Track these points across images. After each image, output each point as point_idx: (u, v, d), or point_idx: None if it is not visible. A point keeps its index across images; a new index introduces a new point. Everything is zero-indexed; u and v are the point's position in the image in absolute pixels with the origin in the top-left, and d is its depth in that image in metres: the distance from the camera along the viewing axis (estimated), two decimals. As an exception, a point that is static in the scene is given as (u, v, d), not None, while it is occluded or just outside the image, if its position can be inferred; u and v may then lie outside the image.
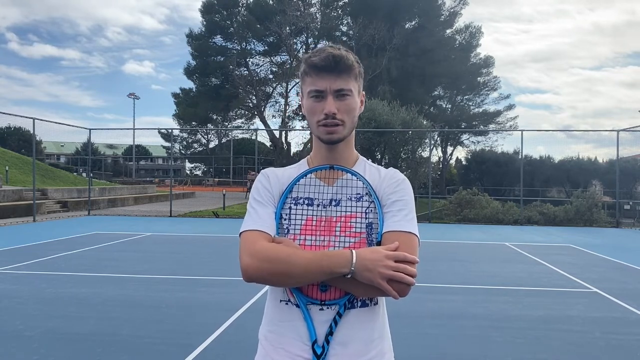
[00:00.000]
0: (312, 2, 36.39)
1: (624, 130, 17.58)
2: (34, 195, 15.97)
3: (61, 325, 4.62)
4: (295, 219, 1.28)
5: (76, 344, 4.11)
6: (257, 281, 1.20)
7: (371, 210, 1.28)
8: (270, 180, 1.34)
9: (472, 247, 10.79)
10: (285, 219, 1.29)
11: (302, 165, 1.39)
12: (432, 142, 26.14)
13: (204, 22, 38.72)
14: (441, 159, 39.80)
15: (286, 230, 1.28)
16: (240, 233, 1.26)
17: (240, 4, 37.82)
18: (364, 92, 1.38)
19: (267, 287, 1.28)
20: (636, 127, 17.71)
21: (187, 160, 64.91)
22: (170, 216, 18.18)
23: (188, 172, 62.64)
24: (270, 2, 36.16)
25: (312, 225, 1.27)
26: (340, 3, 37.59)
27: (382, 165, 1.45)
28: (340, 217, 1.28)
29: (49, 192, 19.30)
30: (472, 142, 40.49)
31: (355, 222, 1.27)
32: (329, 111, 1.24)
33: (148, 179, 54.52)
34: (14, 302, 5.41)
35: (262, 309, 1.36)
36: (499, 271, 7.78)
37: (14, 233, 12.12)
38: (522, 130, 18.37)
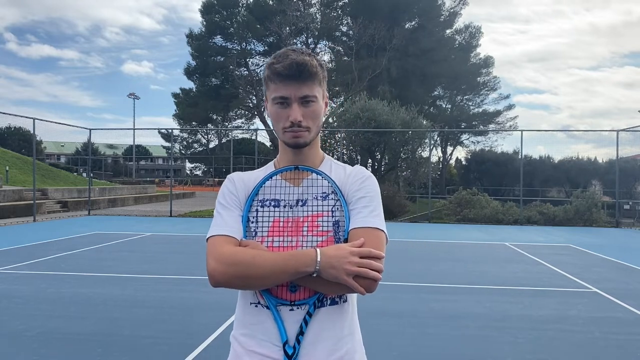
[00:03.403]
0: (312, 2, 36.40)
1: (623, 130, 17.58)
2: (34, 195, 15.98)
3: (61, 325, 4.62)
4: (263, 221, 1.29)
5: (76, 344, 4.11)
6: (224, 285, 1.20)
7: (337, 209, 1.29)
8: (236, 184, 1.35)
9: (472, 247, 10.79)
10: (252, 222, 1.29)
11: (268, 168, 1.39)
12: (432, 142, 26.13)
13: (204, 22, 38.73)
14: (441, 159, 39.84)
15: (254, 232, 1.28)
16: (207, 239, 1.27)
17: (240, 4, 37.84)
18: (327, 94, 1.38)
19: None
20: (636, 127, 17.72)
21: (187, 160, 64.93)
22: (170, 216, 18.18)
23: (188, 172, 62.66)
24: (270, 2, 36.17)
25: (279, 227, 1.27)
26: (340, 3, 37.59)
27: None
28: (307, 216, 1.28)
29: (49, 192, 19.30)
30: (472, 142, 40.57)
31: (322, 221, 1.27)
32: (295, 119, 1.25)
33: (148, 179, 54.50)
34: (14, 302, 5.41)
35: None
36: (499, 271, 7.78)
37: (14, 233, 12.12)
38: (522, 131, 18.37)
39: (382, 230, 1.25)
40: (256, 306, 1.26)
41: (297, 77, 1.24)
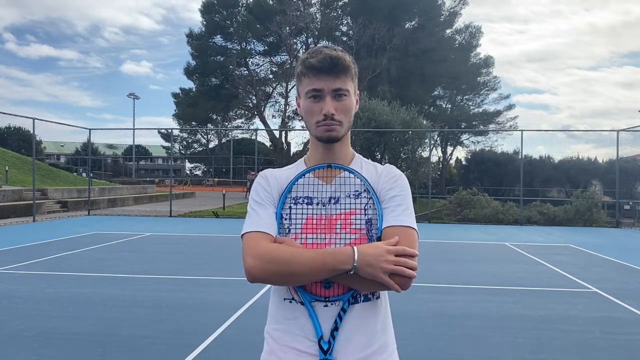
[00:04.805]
0: (312, 2, 36.43)
1: (623, 130, 17.58)
2: (34, 195, 15.97)
3: (61, 325, 4.62)
4: (296, 218, 1.30)
5: (76, 344, 4.11)
6: (261, 282, 1.21)
7: (370, 207, 1.30)
8: (269, 181, 1.36)
9: (472, 247, 10.79)
10: (286, 219, 1.31)
11: (299, 165, 1.40)
12: (432, 142, 26.13)
13: (204, 22, 38.77)
14: (441, 159, 39.81)
15: (287, 229, 1.30)
16: (242, 235, 1.27)
17: (240, 4, 37.89)
18: (358, 92, 1.40)
19: (267, 286, 1.28)
20: (636, 127, 17.72)
21: (187, 160, 64.94)
22: (170, 216, 18.17)
23: (188, 172, 62.66)
24: (270, 2, 36.20)
25: (312, 224, 1.29)
26: (340, 3, 37.64)
27: None
28: (340, 214, 1.29)
29: (48, 192, 19.29)
30: (472, 142, 40.50)
31: (355, 219, 1.29)
32: (328, 112, 1.26)
33: (148, 179, 54.49)
34: (14, 302, 5.40)
35: (263, 308, 1.37)
36: (499, 271, 7.78)
37: (14, 233, 12.11)
38: (522, 130, 18.37)
39: (414, 229, 1.27)
40: (290, 302, 1.28)
41: (330, 71, 1.26)
